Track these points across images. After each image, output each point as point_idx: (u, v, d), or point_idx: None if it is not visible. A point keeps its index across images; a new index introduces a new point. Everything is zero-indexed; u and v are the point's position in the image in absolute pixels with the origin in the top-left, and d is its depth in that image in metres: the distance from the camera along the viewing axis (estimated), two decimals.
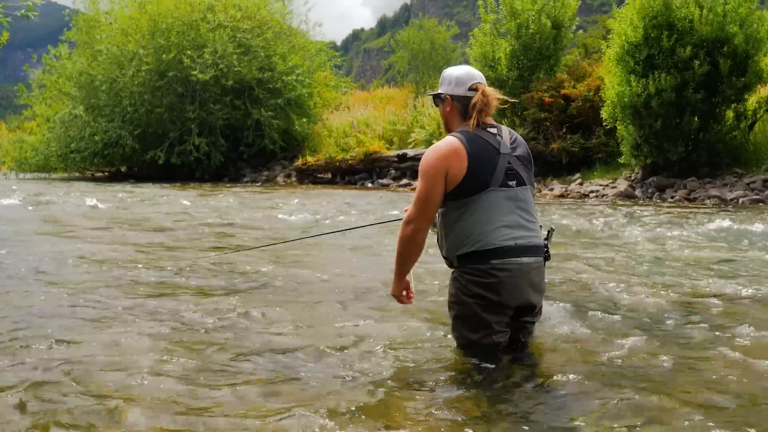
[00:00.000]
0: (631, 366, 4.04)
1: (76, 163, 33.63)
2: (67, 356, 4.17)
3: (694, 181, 18.15)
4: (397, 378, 3.88)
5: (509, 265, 3.88)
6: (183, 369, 3.95)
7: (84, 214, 13.78)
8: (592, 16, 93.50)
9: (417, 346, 4.46)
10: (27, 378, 3.76)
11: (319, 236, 9.32)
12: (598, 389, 3.63)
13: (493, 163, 3.92)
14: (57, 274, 6.92)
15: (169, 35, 31.62)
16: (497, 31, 24.77)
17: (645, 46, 18.07)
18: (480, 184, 3.90)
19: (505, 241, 3.88)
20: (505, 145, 4.00)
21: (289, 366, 4.06)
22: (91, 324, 4.98)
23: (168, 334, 4.70)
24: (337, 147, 30.99)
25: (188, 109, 31.76)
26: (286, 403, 3.43)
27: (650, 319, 5.18)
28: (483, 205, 3.90)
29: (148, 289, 6.27)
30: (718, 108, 18.64)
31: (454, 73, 4.16)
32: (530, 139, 22.28)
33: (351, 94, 42.09)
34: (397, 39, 45.11)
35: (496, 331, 3.96)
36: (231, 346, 4.45)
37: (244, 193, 22.25)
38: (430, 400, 3.50)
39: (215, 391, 3.60)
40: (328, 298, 6.02)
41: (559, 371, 3.94)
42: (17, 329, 4.76)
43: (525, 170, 4.06)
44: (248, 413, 3.30)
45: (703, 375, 3.89)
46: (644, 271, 7.33)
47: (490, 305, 3.91)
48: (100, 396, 3.49)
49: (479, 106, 4.00)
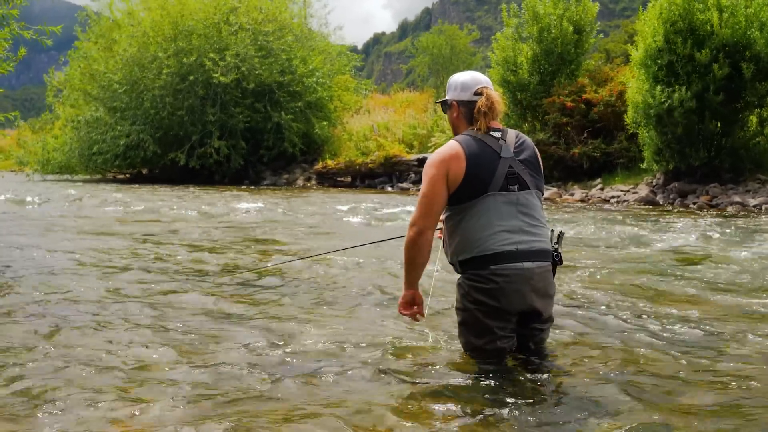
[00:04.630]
0: (643, 373, 4.01)
1: (98, 165, 33.80)
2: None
3: (717, 186, 18.01)
4: (401, 381, 3.86)
5: (508, 271, 3.83)
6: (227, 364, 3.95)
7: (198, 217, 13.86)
8: (614, 20, 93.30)
9: (424, 350, 4.45)
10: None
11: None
12: (607, 395, 3.60)
13: (493, 168, 3.88)
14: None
15: (191, 38, 31.76)
16: (519, 36, 24.73)
17: (666, 52, 17.96)
18: (479, 189, 3.87)
19: (505, 246, 3.84)
20: (507, 149, 3.95)
21: (298, 368, 4.06)
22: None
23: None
24: (357, 151, 31.01)
25: (209, 111, 31.86)
26: (296, 404, 3.44)
27: (668, 326, 5.13)
28: (482, 209, 3.87)
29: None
30: (741, 113, 18.50)
31: (459, 79, 4.15)
32: (551, 144, 22.23)
33: (371, 97, 42.14)
34: (418, 44, 45.11)
35: (500, 337, 3.92)
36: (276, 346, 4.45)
37: (296, 195, 22.31)
38: (433, 403, 3.49)
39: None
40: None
41: (566, 378, 3.92)
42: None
43: (530, 174, 3.99)
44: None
45: (716, 386, 3.85)
46: (676, 278, 7.28)
47: (491, 311, 3.88)
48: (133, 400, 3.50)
49: (483, 109, 3.97)
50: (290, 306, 5.85)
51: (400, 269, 7.37)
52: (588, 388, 3.71)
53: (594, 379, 3.87)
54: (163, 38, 32.36)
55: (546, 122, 23.12)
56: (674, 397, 3.59)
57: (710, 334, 4.87)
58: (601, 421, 3.26)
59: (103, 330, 4.87)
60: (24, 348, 4.38)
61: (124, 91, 32.42)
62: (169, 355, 4.29)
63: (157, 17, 32.99)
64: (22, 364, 4.03)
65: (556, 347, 4.46)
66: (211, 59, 30.78)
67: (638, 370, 4.04)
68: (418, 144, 30.15)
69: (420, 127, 31.45)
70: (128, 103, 32.57)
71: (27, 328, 4.87)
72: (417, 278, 4.08)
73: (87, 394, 3.54)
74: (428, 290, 4.41)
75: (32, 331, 4.81)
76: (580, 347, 4.52)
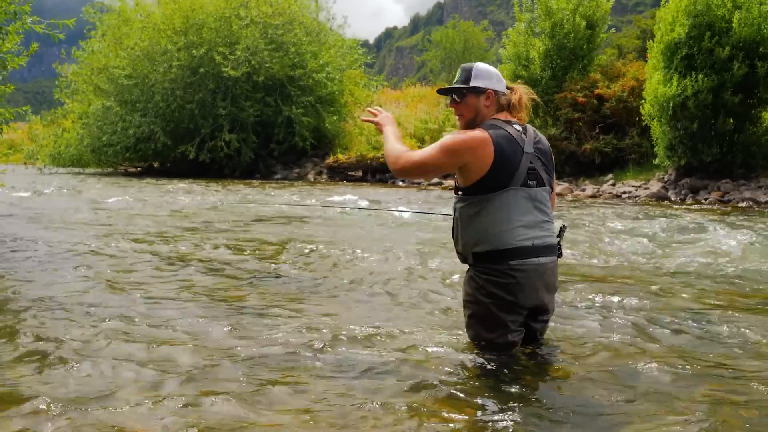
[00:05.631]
0: (653, 370, 3.97)
1: (109, 158, 33.82)
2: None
3: (728, 183, 17.94)
4: (407, 376, 3.80)
5: (526, 266, 3.87)
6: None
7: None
8: (627, 15, 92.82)
9: (430, 343, 4.41)
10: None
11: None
12: (614, 391, 3.58)
13: (517, 162, 3.88)
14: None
15: (202, 31, 31.78)
16: (531, 31, 24.69)
17: (685, 45, 17.89)
18: (502, 181, 3.87)
19: (523, 242, 3.87)
20: (529, 144, 3.96)
21: (304, 363, 4.04)
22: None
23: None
24: (368, 145, 31.00)
25: (220, 105, 31.86)
26: (301, 401, 3.41)
27: (681, 322, 5.09)
28: (502, 203, 3.88)
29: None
30: (754, 110, 18.43)
31: (493, 70, 4.14)
32: (563, 139, 22.19)
33: (383, 92, 42.10)
34: (432, 38, 45.02)
35: (512, 330, 3.97)
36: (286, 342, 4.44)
37: (338, 187, 22.32)
38: (443, 397, 3.45)
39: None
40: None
41: (576, 371, 3.90)
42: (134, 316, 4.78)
43: (545, 171, 4.02)
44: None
45: (726, 385, 3.82)
46: (692, 274, 7.24)
47: (507, 305, 3.91)
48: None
49: (517, 104, 4.04)
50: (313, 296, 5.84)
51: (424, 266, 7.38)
52: (597, 388, 3.67)
53: (603, 379, 3.83)
54: (174, 31, 32.39)
55: (558, 117, 23.09)
56: (686, 400, 3.55)
57: (725, 333, 4.82)
58: (610, 421, 3.24)
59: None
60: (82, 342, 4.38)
61: (135, 85, 32.47)
62: (166, 352, 4.29)
63: (168, 11, 33.02)
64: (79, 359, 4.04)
65: (566, 344, 4.43)
66: (221, 53, 30.79)
67: (650, 369, 4.00)
68: (430, 138, 30.08)
69: (431, 121, 31.44)
70: (139, 97, 32.60)
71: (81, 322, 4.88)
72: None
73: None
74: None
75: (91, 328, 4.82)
76: (589, 344, 4.49)
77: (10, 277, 6.42)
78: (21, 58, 9.44)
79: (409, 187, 24.87)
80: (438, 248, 8.32)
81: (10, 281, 6.25)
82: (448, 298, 5.78)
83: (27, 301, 5.47)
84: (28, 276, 6.52)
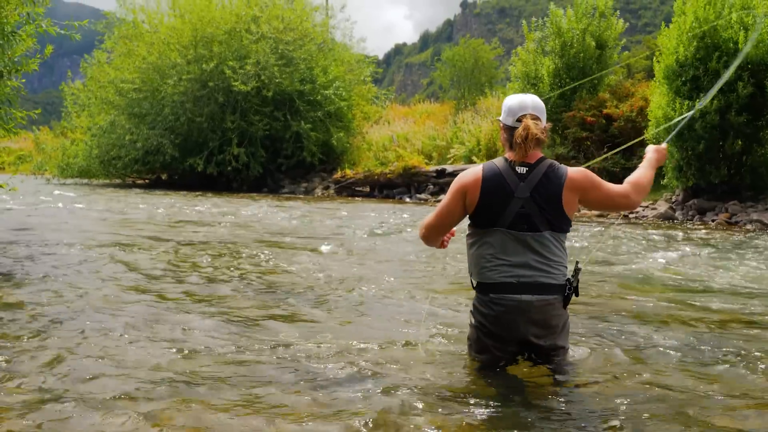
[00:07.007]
0: (658, 384, 3.99)
1: (117, 170, 33.94)
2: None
3: (736, 204, 17.90)
4: (406, 388, 3.88)
5: (505, 301, 3.90)
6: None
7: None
8: (636, 36, 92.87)
9: (434, 352, 4.49)
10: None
11: None
12: (617, 411, 3.56)
13: (503, 206, 3.88)
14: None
15: (212, 45, 31.92)
16: (541, 49, 24.77)
17: (691, 67, 17.91)
18: (490, 220, 3.93)
19: (505, 278, 3.90)
20: (524, 188, 3.88)
21: (311, 372, 4.06)
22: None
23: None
24: (376, 161, 31.04)
25: (229, 119, 31.96)
26: (307, 409, 3.45)
27: (686, 338, 5.09)
28: (490, 241, 3.95)
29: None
30: (762, 131, 18.40)
31: (508, 102, 4.07)
32: (570, 158, 22.18)
33: (391, 108, 42.17)
34: (442, 57, 45.01)
35: (499, 357, 4.06)
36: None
37: (348, 204, 22.36)
38: (438, 405, 3.50)
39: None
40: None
41: (575, 390, 3.91)
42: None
43: (544, 215, 3.89)
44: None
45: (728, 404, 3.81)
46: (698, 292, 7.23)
47: (489, 333, 4.02)
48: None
49: (518, 140, 3.89)
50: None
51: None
52: (598, 403, 3.70)
53: (605, 393, 3.87)
54: (183, 45, 32.53)
55: (566, 136, 23.09)
56: (691, 415, 3.55)
57: (730, 351, 4.83)
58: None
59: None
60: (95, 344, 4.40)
61: (144, 98, 32.61)
62: (170, 355, 4.31)
63: (179, 24, 33.18)
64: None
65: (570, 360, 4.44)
66: (230, 67, 30.92)
67: (651, 385, 4.00)
68: (437, 155, 30.13)
69: (439, 138, 31.44)
70: (148, 110, 32.73)
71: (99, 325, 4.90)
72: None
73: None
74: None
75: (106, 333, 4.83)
76: (594, 361, 4.51)
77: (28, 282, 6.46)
78: (33, 61, 9.45)
79: (417, 203, 24.86)
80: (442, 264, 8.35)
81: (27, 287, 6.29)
82: (449, 315, 5.83)
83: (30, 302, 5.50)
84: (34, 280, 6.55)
